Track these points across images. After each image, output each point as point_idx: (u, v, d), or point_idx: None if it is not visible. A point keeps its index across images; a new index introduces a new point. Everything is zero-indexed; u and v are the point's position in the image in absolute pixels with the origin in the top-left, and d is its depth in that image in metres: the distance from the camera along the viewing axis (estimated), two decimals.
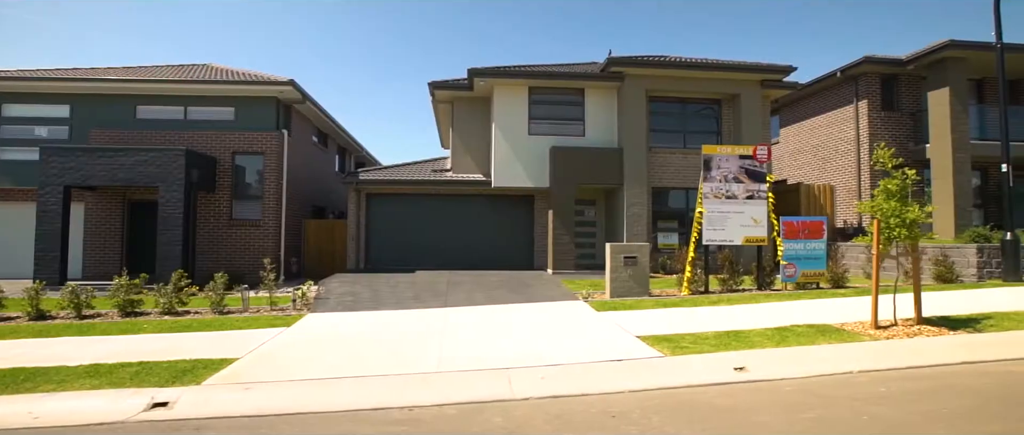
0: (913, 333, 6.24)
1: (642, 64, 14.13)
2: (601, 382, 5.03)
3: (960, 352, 5.55)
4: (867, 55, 15.21)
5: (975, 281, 10.62)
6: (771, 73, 14.56)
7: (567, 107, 14.84)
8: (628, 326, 7.14)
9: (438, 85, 15.16)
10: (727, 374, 5.19)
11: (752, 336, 6.33)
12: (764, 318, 7.36)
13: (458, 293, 10.68)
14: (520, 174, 14.50)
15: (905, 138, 15.75)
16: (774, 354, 5.69)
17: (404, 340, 6.84)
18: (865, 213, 6.83)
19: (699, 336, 6.44)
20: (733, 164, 10.06)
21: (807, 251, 10.07)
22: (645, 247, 9.76)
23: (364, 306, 9.60)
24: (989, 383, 4.66)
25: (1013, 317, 6.91)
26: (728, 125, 15.12)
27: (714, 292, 9.92)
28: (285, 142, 14.55)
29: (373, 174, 15.55)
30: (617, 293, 9.57)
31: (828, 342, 6.03)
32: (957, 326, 6.50)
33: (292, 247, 15.63)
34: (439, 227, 15.55)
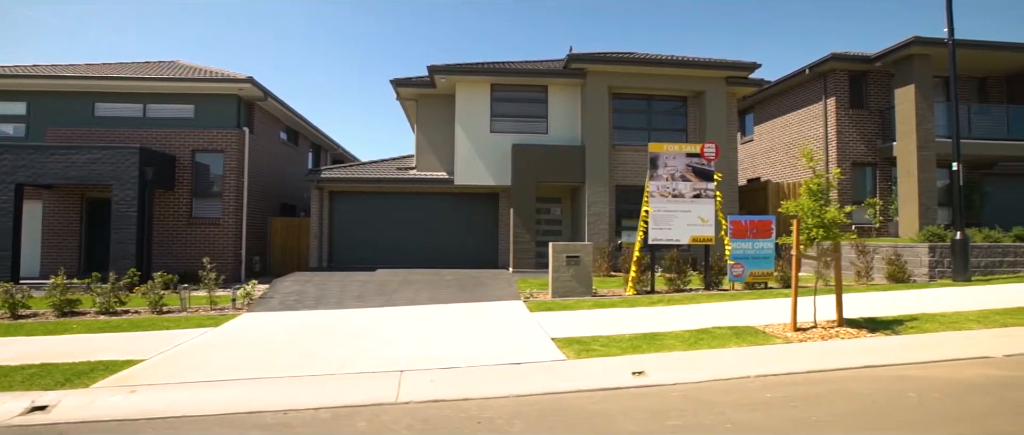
0: (829, 335, 6.14)
1: (604, 61, 14.01)
2: (490, 386, 4.94)
3: (866, 356, 5.44)
4: (834, 52, 15.07)
5: (926, 281, 10.53)
6: (736, 70, 14.43)
7: (530, 104, 14.72)
8: (551, 327, 7.05)
9: (401, 82, 15.05)
10: (623, 379, 5.10)
11: (668, 339, 6.23)
12: (693, 319, 7.26)
13: (405, 292, 10.60)
14: (482, 172, 14.39)
15: (873, 136, 15.63)
16: (680, 358, 5.60)
17: (323, 340, 6.77)
18: (790, 213, 6.72)
19: (615, 338, 6.35)
20: (680, 162, 9.95)
21: (755, 251, 9.95)
22: (588, 247, 9.66)
23: (305, 306, 9.53)
24: (876, 388, 4.56)
25: (939, 319, 6.81)
26: (694, 122, 15.00)
27: (661, 292, 9.83)
28: (246, 140, 14.46)
29: (336, 172, 15.45)
30: (559, 293, 9.48)
31: (739, 345, 5.93)
32: (879, 328, 6.40)
33: (256, 245, 15.56)
34: (403, 226, 15.46)
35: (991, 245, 10.88)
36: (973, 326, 6.41)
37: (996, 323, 6.51)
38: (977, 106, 15.84)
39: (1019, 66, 15.59)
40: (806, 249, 6.83)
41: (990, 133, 15.15)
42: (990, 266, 10.80)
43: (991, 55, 14.99)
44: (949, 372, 4.94)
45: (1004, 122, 15.33)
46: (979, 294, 8.51)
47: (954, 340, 5.93)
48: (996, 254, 10.85)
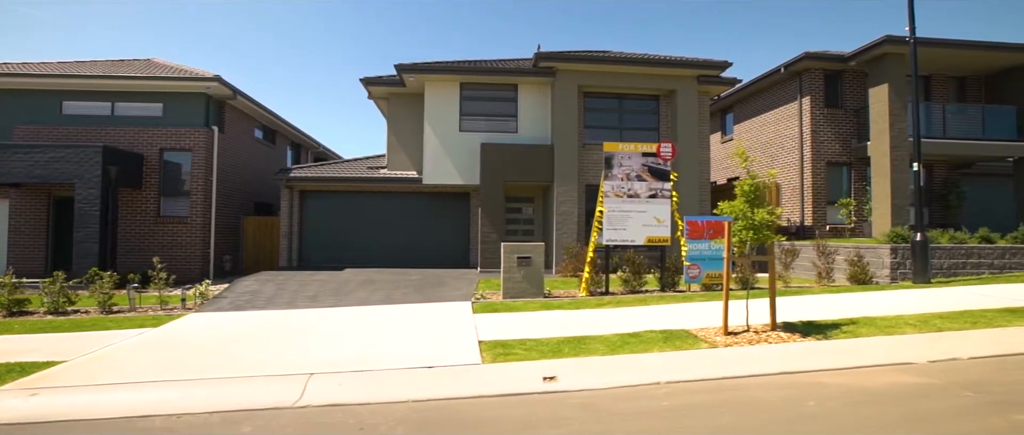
0: (758, 340, 6.04)
1: (573, 59, 13.90)
2: (392, 390, 4.86)
3: (786, 361, 5.34)
4: (807, 51, 14.95)
5: (888, 282, 10.41)
6: (707, 68, 14.30)
7: (500, 103, 14.63)
8: (486, 330, 6.97)
9: (371, 81, 14.97)
10: (532, 384, 5.00)
11: (595, 343, 6.13)
12: (631, 322, 7.15)
13: (360, 293, 10.53)
14: (451, 171, 14.31)
15: (848, 135, 15.50)
16: (598, 362, 5.50)
17: (255, 341, 6.69)
18: (723, 214, 6.61)
19: (543, 341, 6.25)
20: (635, 162, 9.84)
21: (712, 252, 9.74)
22: (539, 247, 9.57)
23: (255, 306, 9.45)
24: (779, 396, 4.45)
25: (879, 322, 6.69)
26: (666, 121, 14.89)
27: (615, 293, 9.73)
28: (215, 138, 14.40)
29: (306, 171, 15.39)
30: (510, 294, 9.39)
31: (664, 349, 5.83)
32: (813, 332, 6.29)
33: (228, 244, 15.52)
34: (375, 225, 15.40)
35: (954, 247, 10.75)
36: (909, 330, 6.30)
37: (934, 327, 6.39)
38: (954, 106, 15.67)
39: (997, 66, 15.43)
40: (740, 252, 6.71)
41: (967, 133, 14.99)
42: (953, 268, 10.67)
43: (969, 55, 14.84)
44: (863, 379, 4.83)
45: (982, 122, 15.17)
46: (931, 297, 8.39)
47: (884, 345, 5.82)
48: (959, 256, 10.72)
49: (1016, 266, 10.83)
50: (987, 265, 10.77)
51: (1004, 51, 14.55)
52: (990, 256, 10.81)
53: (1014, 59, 14.85)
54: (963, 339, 5.95)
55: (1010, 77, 15.34)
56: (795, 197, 15.87)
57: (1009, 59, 14.90)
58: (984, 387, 4.45)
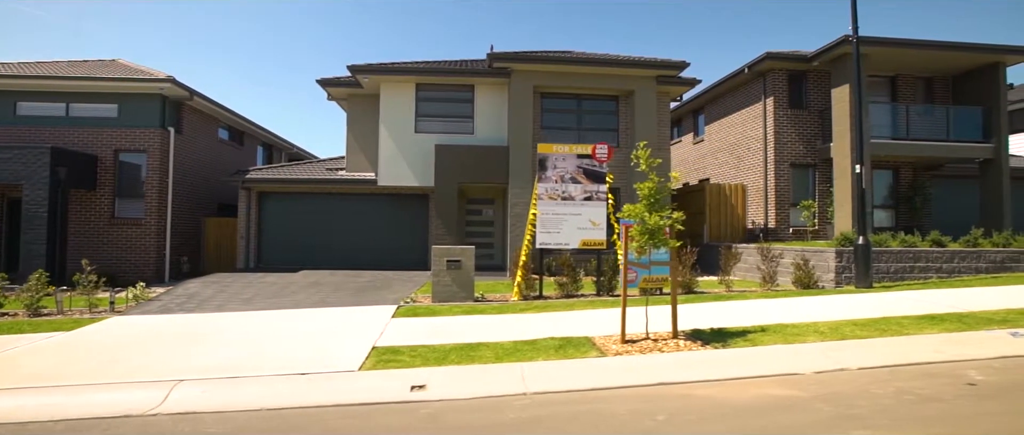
0: (653, 348, 5.87)
1: (529, 59, 13.75)
2: (254, 398, 4.76)
3: (669, 371, 5.18)
4: (768, 51, 14.75)
5: (833, 287, 10.21)
6: (665, 69, 14.12)
7: (457, 104, 14.50)
8: (391, 335, 6.85)
9: (328, 82, 14.87)
10: (398, 393, 4.87)
11: (485, 350, 5.99)
12: (541, 328, 7.00)
13: (300, 296, 10.42)
14: (406, 173, 14.19)
15: (813, 136, 15.28)
16: (476, 371, 5.36)
17: (152, 347, 6.56)
18: (623, 218, 6.46)
19: (436, 347, 6.12)
20: (570, 164, 9.69)
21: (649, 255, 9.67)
22: (470, 250, 9.43)
23: (185, 309, 9.35)
24: (635, 409, 4.29)
25: (788, 330, 6.51)
26: (626, 122, 14.71)
27: (549, 297, 9.59)
28: (171, 139, 14.33)
29: (264, 173, 15.30)
30: (439, 297, 9.26)
31: (552, 358, 5.67)
32: (715, 340, 6.12)
33: (187, 245, 15.46)
34: (333, 227, 15.29)
35: (902, 250, 10.54)
36: (814, 339, 6.12)
37: (841, 336, 6.21)
38: (921, 106, 15.42)
39: (964, 66, 15.16)
40: (640, 256, 6.56)
41: (932, 134, 14.73)
42: (900, 272, 10.46)
43: (934, 55, 14.56)
44: (734, 392, 4.67)
45: (949, 123, 14.91)
46: (862, 302, 8.19)
47: (780, 354, 5.65)
48: (907, 259, 10.50)
49: (966, 270, 10.61)
50: (936, 269, 10.55)
51: (968, 51, 14.30)
52: (939, 260, 10.59)
53: (980, 59, 14.59)
54: (864, 348, 5.77)
55: (976, 78, 15.08)
56: (760, 199, 15.67)
57: (975, 59, 14.64)
58: (848, 400, 4.28)
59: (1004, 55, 14.31)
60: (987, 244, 11.24)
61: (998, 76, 14.49)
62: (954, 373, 4.96)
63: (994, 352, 5.59)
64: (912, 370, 5.10)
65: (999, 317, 6.85)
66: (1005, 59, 14.42)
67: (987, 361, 5.33)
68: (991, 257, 10.71)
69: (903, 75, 15.71)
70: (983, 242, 11.27)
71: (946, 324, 6.58)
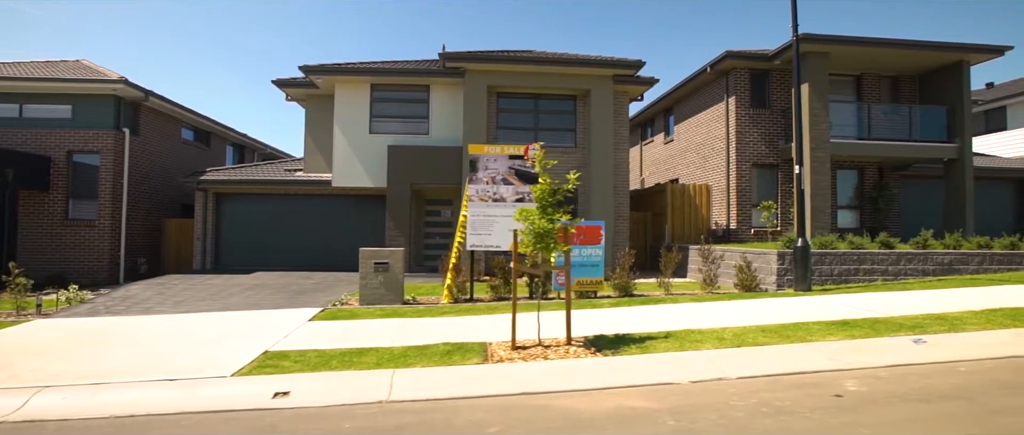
0: (540, 356, 5.70)
1: (482, 59, 13.60)
2: (110, 405, 4.72)
3: (543, 381, 5.02)
4: (728, 50, 14.53)
5: (775, 289, 10.03)
6: (622, 68, 13.94)
7: (412, 104, 14.37)
8: (295, 339, 6.75)
9: (284, 83, 14.77)
10: (260, 400, 4.77)
11: (369, 356, 5.83)
12: (444, 332, 6.84)
13: (234, 298, 10.31)
14: (361, 174, 14.07)
15: (775, 136, 15.06)
16: (348, 377, 5.23)
17: (47, 352, 6.44)
18: (517, 221, 6.31)
19: (325, 353, 6.00)
20: (502, 165, 9.54)
21: (583, 258, 9.52)
22: (398, 252, 9.30)
23: (113, 312, 9.23)
24: (474, 420, 4.13)
25: (691, 336, 6.33)
26: (583, 122, 14.54)
27: (482, 300, 9.45)
28: (127, 141, 14.27)
29: (220, 174, 15.22)
30: (367, 300, 9.13)
31: (434, 364, 5.51)
32: (609, 347, 5.94)
33: (145, 247, 15.40)
34: (290, 228, 15.20)
35: (847, 253, 10.33)
36: (711, 346, 5.94)
37: (739, 342, 6.02)
38: (887, 106, 15.18)
39: (929, 65, 14.91)
40: (532, 261, 6.41)
41: (899, 134, 14.50)
42: (845, 274, 10.26)
43: (899, 54, 14.31)
44: (596, 402, 4.51)
45: (916, 122, 14.67)
46: (787, 306, 8.00)
47: (666, 362, 5.48)
48: (851, 262, 10.30)
49: (913, 272, 10.40)
50: (881, 271, 10.34)
51: (932, 50, 14.04)
52: (885, 262, 10.38)
53: (943, 58, 14.34)
54: (756, 356, 5.60)
55: (941, 77, 14.83)
56: (724, 199, 15.47)
57: (938, 58, 14.39)
58: (698, 413, 4.12)
59: (968, 54, 14.06)
60: (938, 246, 11.02)
61: (962, 75, 14.23)
62: (831, 383, 4.79)
63: (888, 360, 5.42)
64: (790, 380, 4.93)
65: (912, 322, 6.65)
66: (969, 58, 14.17)
67: (875, 370, 5.16)
68: (939, 259, 10.49)
69: (868, 74, 15.48)
70: (934, 243, 11.06)
71: (856, 330, 6.40)
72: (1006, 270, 10.55)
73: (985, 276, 10.10)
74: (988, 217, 16.51)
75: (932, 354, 5.56)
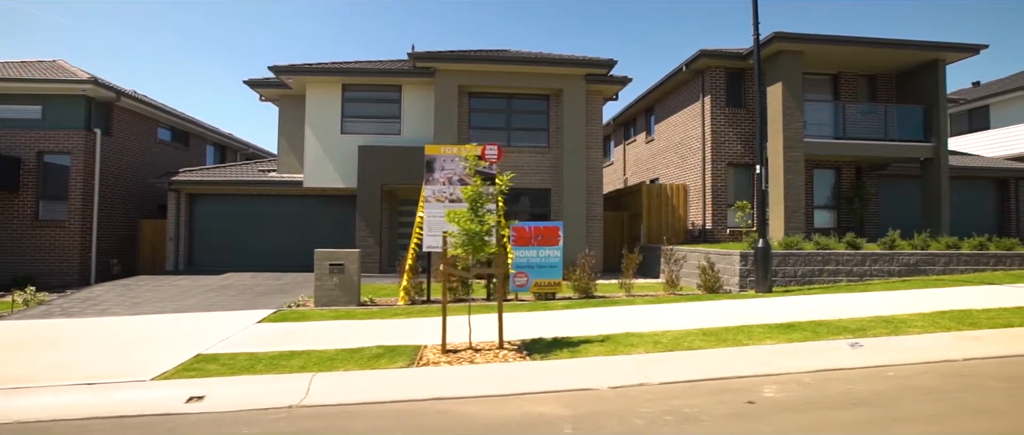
0: (469, 359, 5.61)
1: (452, 59, 13.51)
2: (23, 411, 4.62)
3: (463, 386, 4.92)
4: (702, 49, 14.42)
5: (737, 290, 9.93)
6: (594, 67, 13.84)
7: (384, 104, 14.30)
8: (238, 341, 6.69)
9: (256, 83, 14.71)
10: (169, 404, 4.69)
11: (298, 359, 5.74)
12: (383, 335, 6.77)
13: (194, 300, 10.25)
14: (332, 174, 14.00)
15: (751, 136, 14.94)
16: (264, 381, 5.14)
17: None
18: (447, 222, 6.22)
19: (255, 355, 5.91)
20: (458, 165, 9.45)
21: (541, 259, 9.44)
22: (354, 254, 9.22)
23: (69, 314, 9.11)
24: (380, 426, 4.06)
25: (628, 340, 6.23)
26: (556, 122, 14.45)
27: (439, 301, 9.36)
28: (98, 141, 14.22)
29: (193, 175, 15.15)
30: (322, 302, 9.06)
31: (357, 367, 5.43)
32: (541, 351, 5.84)
33: (119, 248, 15.35)
34: (264, 228, 15.13)
35: (811, 253, 10.23)
36: (647, 349, 5.83)
37: (676, 346, 5.91)
38: (863, 105, 15.05)
39: (905, 64, 14.78)
40: (463, 264, 6.33)
41: (875, 133, 14.38)
42: (809, 275, 10.15)
43: (875, 52, 14.19)
44: (504, 408, 4.42)
45: (892, 122, 14.55)
46: (739, 308, 7.89)
47: (593, 367, 5.36)
48: (816, 263, 10.19)
49: (878, 273, 10.29)
50: (846, 272, 10.23)
51: (907, 49, 13.91)
52: (850, 263, 10.27)
53: (919, 57, 14.21)
54: (686, 361, 5.50)
55: (917, 76, 14.70)
56: (700, 199, 15.37)
57: (914, 57, 14.26)
58: (601, 421, 4.03)
59: (943, 53, 13.93)
60: (906, 246, 10.91)
61: (937, 74, 14.10)
62: (750, 389, 4.69)
63: (820, 364, 5.32)
64: (711, 386, 4.84)
65: (857, 325, 6.55)
66: (944, 57, 14.04)
67: (801, 375, 5.06)
68: (905, 260, 10.38)
69: (845, 73, 15.36)
70: (902, 244, 10.95)
71: (798, 333, 6.30)
72: (973, 270, 10.43)
73: (950, 277, 9.98)
74: (969, 217, 16.39)
75: (865, 358, 5.47)
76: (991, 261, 10.58)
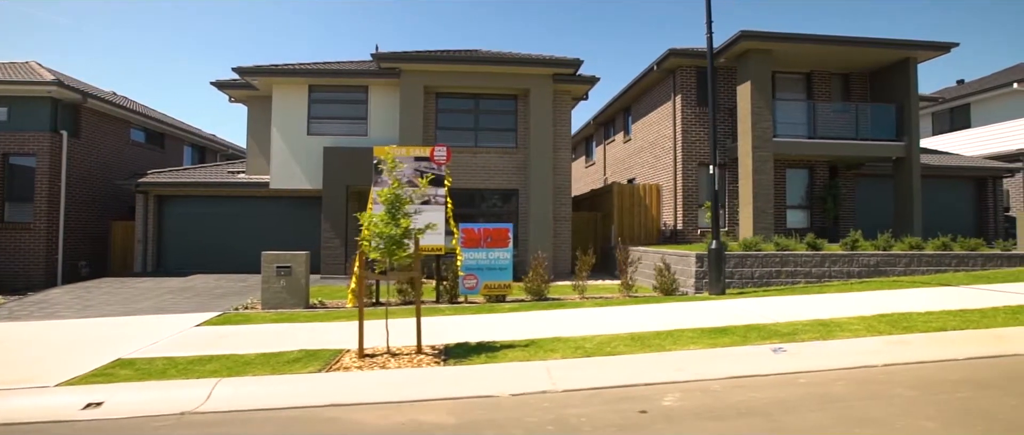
0: (383, 364, 5.51)
1: (416, 59, 13.41)
2: None
3: (360, 393, 4.81)
4: (672, 48, 14.30)
5: (693, 292, 9.81)
6: (561, 67, 13.73)
7: (351, 105, 14.22)
8: (165, 345, 6.63)
9: (223, 84, 14.64)
10: (65, 411, 4.62)
11: (214, 363, 5.67)
12: (313, 339, 6.71)
13: (147, 303, 10.19)
14: (298, 175, 13.93)
15: (723, 135, 14.80)
16: (166, 387, 5.06)
17: None
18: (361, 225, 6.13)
19: (174, 360, 5.84)
20: (408, 167, 9.36)
21: (490, 261, 9.35)
22: (301, 256, 9.15)
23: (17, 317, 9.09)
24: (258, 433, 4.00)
25: (555, 344, 6.11)
26: (524, 123, 14.34)
27: (389, 304, 9.27)
28: (64, 143, 14.18)
29: (161, 176, 15.09)
30: (269, 305, 8.99)
31: (271, 372, 5.35)
32: (460, 356, 5.74)
33: (88, 249, 15.31)
34: (233, 230, 15.06)
35: (769, 255, 10.09)
36: (566, 354, 5.71)
37: (598, 352, 5.77)
38: (837, 104, 14.90)
39: (878, 62, 14.61)
40: (381, 268, 6.23)
41: (848, 132, 14.22)
42: (766, 276, 10.02)
43: (845, 51, 14.03)
44: (391, 416, 4.30)
45: (866, 121, 14.39)
46: (682, 311, 7.77)
47: (506, 373, 5.23)
48: (774, 264, 10.06)
49: (837, 274, 10.15)
50: (804, 273, 10.09)
51: (878, 47, 13.75)
52: (808, 264, 10.13)
53: (890, 55, 14.04)
54: (602, 367, 5.38)
55: (890, 74, 14.53)
56: (672, 199, 15.24)
57: (886, 55, 14.09)
58: (480, 431, 3.94)
59: (915, 51, 13.77)
60: (869, 247, 10.77)
61: (909, 72, 13.93)
62: (651, 397, 4.57)
63: (735, 371, 5.19)
64: (613, 393, 4.71)
65: (791, 329, 6.43)
66: (916, 55, 13.87)
67: (710, 382, 4.93)
68: (865, 261, 10.24)
69: (818, 71, 15.20)
70: (864, 245, 10.81)
71: (727, 337, 6.18)
72: (934, 271, 10.28)
73: (908, 278, 9.84)
74: (948, 216, 16.24)
75: (784, 364, 5.34)
76: (954, 262, 10.43)
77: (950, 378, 4.81)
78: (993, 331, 6.13)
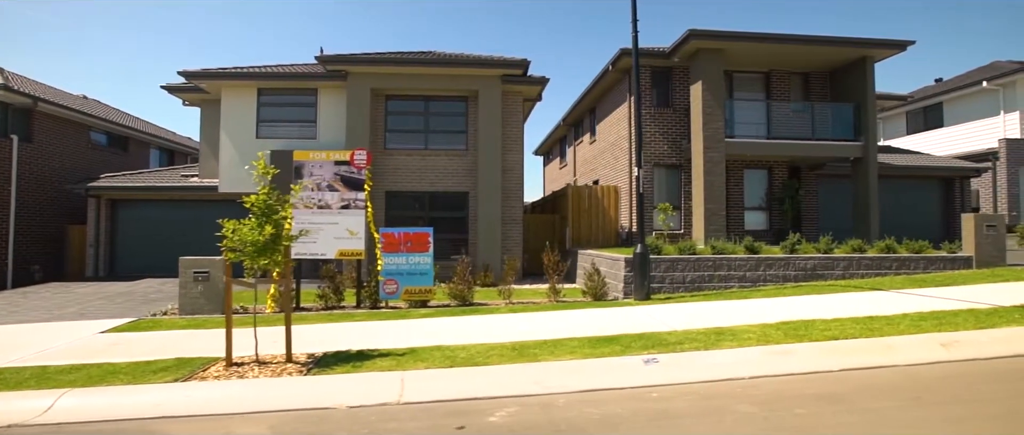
0: (245, 373, 5.39)
1: (364, 61, 13.30)
2: None
3: (209, 404, 4.68)
4: (624, 48, 14.08)
5: (621, 297, 9.63)
6: (508, 67, 13.57)
7: (300, 108, 14.12)
8: (53, 353, 6.55)
9: (174, 88, 14.60)
10: None
11: (84, 371, 5.57)
12: (212, 346, 6.61)
13: (75, 308, 10.14)
14: (247, 179, 13.81)
15: (679, 136, 14.59)
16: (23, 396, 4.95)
17: None
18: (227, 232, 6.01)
19: (46, 369, 5.77)
20: (327, 171, 9.25)
21: (411, 266, 9.21)
22: (219, 261, 9.04)
23: None
24: None
25: (431, 353, 5.94)
26: (475, 125, 14.19)
27: (309, 309, 9.17)
28: (14, 147, 14.20)
29: (112, 180, 15.06)
30: (186, 310, 8.90)
31: (129, 381, 5.25)
32: (330, 365, 5.59)
33: (44, 254, 15.32)
34: (187, 234, 14.98)
35: (701, 258, 9.88)
36: (435, 364, 5.56)
37: (461, 363, 5.56)
38: (796, 104, 14.63)
39: (836, 61, 14.33)
40: (251, 273, 6.11)
41: (806, 132, 13.96)
42: (698, 281, 9.81)
43: (802, 50, 13.78)
44: (199, 429, 4.22)
45: (824, 120, 14.13)
46: (589, 318, 7.56)
47: (356, 384, 5.05)
48: (706, 268, 9.85)
49: (773, 278, 9.91)
50: (739, 278, 9.87)
51: (833, 46, 13.49)
52: (743, 268, 9.91)
53: (847, 54, 13.77)
54: (460, 378, 5.20)
55: (847, 73, 14.26)
56: (628, 201, 15.03)
57: (842, 54, 13.82)
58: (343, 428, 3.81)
59: (871, 49, 13.49)
60: (810, 250, 10.53)
61: (866, 71, 13.65)
62: (484, 411, 4.38)
63: (596, 384, 4.99)
64: (450, 407, 4.54)
65: (679, 338, 6.24)
66: (873, 54, 13.59)
67: (559, 396, 4.73)
68: (801, 264, 10.00)
69: (777, 71, 14.94)
70: (806, 247, 10.57)
71: (608, 347, 5.99)
72: (874, 274, 10.02)
73: (843, 282, 9.59)
74: (914, 217, 15.95)
75: (650, 377, 5.15)
76: (895, 265, 10.17)
77: (805, 392, 4.61)
78: (885, 340, 5.91)
